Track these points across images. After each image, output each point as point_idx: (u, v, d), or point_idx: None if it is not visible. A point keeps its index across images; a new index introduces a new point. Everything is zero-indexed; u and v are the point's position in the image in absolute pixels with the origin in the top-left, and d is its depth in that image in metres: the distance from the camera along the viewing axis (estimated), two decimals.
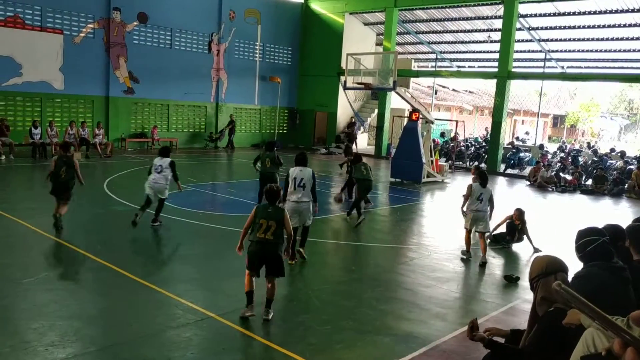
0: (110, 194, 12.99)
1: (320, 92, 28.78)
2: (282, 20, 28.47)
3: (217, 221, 11.03)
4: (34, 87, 20.31)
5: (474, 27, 26.79)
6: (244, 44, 27.06)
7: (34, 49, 20.11)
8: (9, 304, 6.20)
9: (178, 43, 24.47)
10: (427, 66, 33.55)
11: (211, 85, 25.98)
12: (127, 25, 22.59)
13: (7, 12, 19.44)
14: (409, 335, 6.00)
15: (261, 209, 6.35)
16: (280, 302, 6.77)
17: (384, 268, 8.59)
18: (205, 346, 5.49)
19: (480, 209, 9.01)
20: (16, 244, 8.82)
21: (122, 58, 22.63)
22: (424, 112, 18.67)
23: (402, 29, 28.42)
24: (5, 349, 5.05)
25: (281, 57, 29.02)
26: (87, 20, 21.50)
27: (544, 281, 3.22)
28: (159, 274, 7.59)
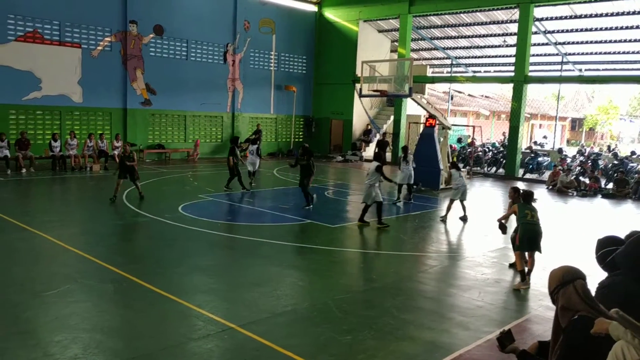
0: (129, 205, 13.08)
1: (336, 100, 28.81)
2: (296, 29, 28.60)
3: (236, 231, 11.05)
4: (53, 100, 20.61)
5: (489, 31, 26.66)
6: (259, 53, 27.22)
7: (53, 63, 20.43)
8: (32, 316, 6.25)
9: (194, 54, 24.69)
10: (443, 72, 33.43)
11: (227, 96, 26.15)
12: (143, 38, 22.85)
13: (26, 27, 19.78)
14: (432, 344, 5.92)
15: (523, 206, 8.36)
16: (300, 312, 6.74)
17: (404, 276, 8.52)
18: (226, 358, 5.47)
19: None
20: (38, 256, 8.90)
21: (139, 70, 22.88)
22: (441, 118, 18.57)
23: (417, 35, 28.38)
24: None
25: (296, 65, 29.12)
26: (104, 34, 21.80)
27: (563, 291, 3.18)
28: (179, 284, 7.60)
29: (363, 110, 24.57)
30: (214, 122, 26.06)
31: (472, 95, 41.98)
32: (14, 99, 19.65)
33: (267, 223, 12.24)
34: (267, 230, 11.53)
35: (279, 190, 17.10)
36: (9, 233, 10.05)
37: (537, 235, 8.17)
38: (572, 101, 49.12)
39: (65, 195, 15.62)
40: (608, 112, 51.19)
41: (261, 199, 15.50)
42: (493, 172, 24.08)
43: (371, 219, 11.98)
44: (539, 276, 8.55)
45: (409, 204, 15.11)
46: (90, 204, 13.72)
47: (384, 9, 26.45)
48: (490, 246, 10.61)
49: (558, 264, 3.49)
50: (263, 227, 11.76)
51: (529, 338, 5.78)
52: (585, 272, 3.31)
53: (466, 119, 41.57)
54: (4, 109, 19.53)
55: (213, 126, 26.05)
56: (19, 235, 9.84)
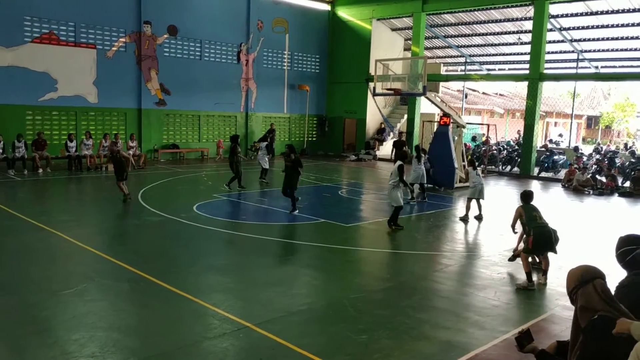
0: (144, 204, 13.17)
1: (349, 99, 28.78)
2: (309, 29, 28.61)
3: (250, 230, 11.07)
4: (69, 101, 20.81)
5: (503, 29, 26.45)
6: (272, 53, 27.27)
7: (69, 64, 20.63)
8: (50, 315, 6.31)
9: (207, 54, 24.79)
10: (457, 70, 33.23)
11: (241, 95, 26.23)
12: (157, 38, 23.00)
13: (42, 29, 20.00)
14: (448, 344, 5.89)
15: (527, 207, 8.50)
16: (315, 311, 6.74)
17: (419, 276, 8.48)
18: (242, 356, 5.48)
19: None
20: (55, 255, 8.99)
21: (154, 70, 23.02)
22: (455, 116, 18.47)
23: (430, 34, 28.24)
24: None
25: (309, 65, 29.13)
26: (119, 35, 21.97)
27: (582, 290, 3.14)
28: (195, 283, 7.63)
29: (376, 109, 24.53)
30: (228, 121, 26.15)
31: (487, 93, 41.71)
32: (30, 99, 19.87)
33: (281, 222, 12.25)
34: (282, 229, 11.55)
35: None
36: (27, 233, 10.17)
37: (550, 237, 8.12)
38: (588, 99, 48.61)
39: (81, 195, 15.77)
40: (625, 110, 50.55)
41: (275, 198, 15.51)
42: (508, 170, 23.91)
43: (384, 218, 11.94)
44: (555, 275, 8.47)
45: (424, 203, 15.05)
46: (106, 203, 13.83)
47: (397, 8, 26.36)
48: (506, 245, 10.52)
49: (576, 263, 3.45)
50: (277, 227, 11.78)
51: (546, 338, 5.73)
52: (604, 271, 3.27)
53: (480, 117, 41.31)
54: (21, 109, 19.76)
55: (227, 126, 26.14)
56: (37, 235, 9.95)
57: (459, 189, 17.73)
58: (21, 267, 8.08)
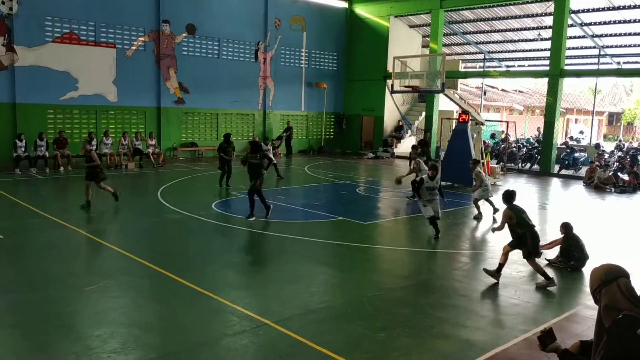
0: (164, 202, 13.29)
1: (367, 97, 28.71)
2: (327, 26, 28.59)
3: (269, 228, 11.11)
4: (89, 100, 21.05)
5: (523, 25, 26.17)
6: (289, 51, 27.30)
7: (89, 63, 20.86)
8: (73, 311, 6.41)
9: (225, 53, 24.90)
10: (475, 67, 32.98)
11: (258, 93, 26.30)
12: (176, 37, 23.15)
13: (63, 29, 20.25)
14: (467, 342, 5.86)
15: (516, 208, 8.13)
16: (334, 309, 6.75)
17: (438, 274, 8.45)
18: (261, 353, 5.52)
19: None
20: (77, 252, 9.12)
21: (172, 69, 23.19)
22: (474, 113, 18.32)
23: (449, 30, 28.05)
24: (70, 355, 5.22)
25: (327, 62, 29.11)
26: (138, 34, 22.16)
27: (605, 289, 3.08)
28: (214, 281, 7.69)
29: (394, 106, 24.40)
30: (246, 119, 26.25)
31: (506, 90, 41.28)
32: (52, 98, 20.14)
33: (299, 220, 12.28)
34: (300, 227, 11.57)
35: (311, 187, 17.13)
36: (49, 230, 10.32)
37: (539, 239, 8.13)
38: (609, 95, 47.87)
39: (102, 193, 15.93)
40: None
41: (293, 196, 15.56)
42: (527, 168, 23.66)
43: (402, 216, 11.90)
44: (577, 274, 8.39)
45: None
46: (126, 201, 13.97)
47: (415, 4, 26.21)
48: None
49: (599, 262, 3.41)
50: (295, 224, 11.80)
51: (568, 337, 5.66)
52: (629, 270, 3.23)
53: (499, 114, 40.90)
54: (43, 108, 20.04)
55: (245, 124, 26.24)
56: (59, 232, 10.10)
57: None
58: (44, 264, 8.21)
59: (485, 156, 19.31)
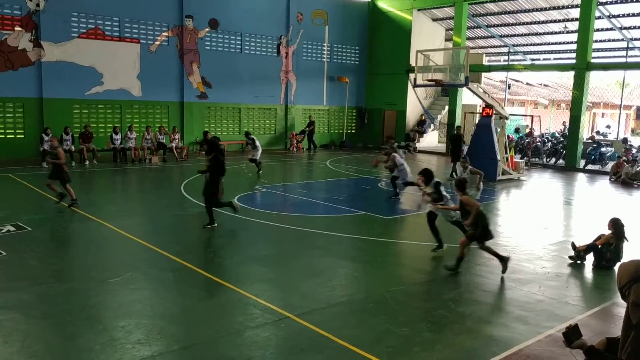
0: (187, 196, 13.41)
1: (389, 91, 28.56)
2: (349, 20, 28.48)
3: (290, 222, 11.14)
4: (113, 94, 21.33)
5: (548, 17, 25.73)
6: (311, 45, 27.27)
7: (114, 58, 21.12)
8: (98, 302, 6.51)
9: (248, 47, 24.98)
10: (500, 60, 32.54)
11: (280, 88, 26.35)
12: (199, 32, 23.30)
13: (88, 24, 20.52)
14: (490, 338, 5.81)
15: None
16: (356, 303, 6.75)
17: (461, 269, 8.37)
18: (284, 346, 5.54)
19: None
20: (102, 245, 9.26)
21: (195, 64, 23.35)
22: (498, 107, 18.12)
23: (472, 23, 27.72)
24: (96, 345, 5.31)
25: (349, 56, 29.02)
26: (161, 29, 22.35)
27: (635, 286, 3.03)
28: (236, 274, 7.74)
29: (417, 100, 24.22)
30: (268, 114, 26.33)
31: (530, 84, 40.70)
32: (77, 93, 20.45)
33: (321, 214, 12.29)
34: (321, 221, 11.57)
35: (332, 182, 17.12)
36: (76, 223, 10.50)
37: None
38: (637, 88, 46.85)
39: (127, 187, 16.17)
40: None
41: (315, 190, 15.57)
42: (552, 163, 23.32)
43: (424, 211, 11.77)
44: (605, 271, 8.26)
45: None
46: (150, 194, 14.16)
47: None
48: (551, 239, 10.30)
49: (628, 258, 3.34)
50: (317, 218, 11.81)
51: (594, 335, 5.58)
52: None
53: (524, 108, 40.38)
54: (69, 103, 20.36)
55: (267, 118, 26.33)
56: (85, 225, 10.26)
57: (502, 182, 17.41)
58: (71, 256, 8.36)
59: (510, 151, 19.08)
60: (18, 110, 19.49)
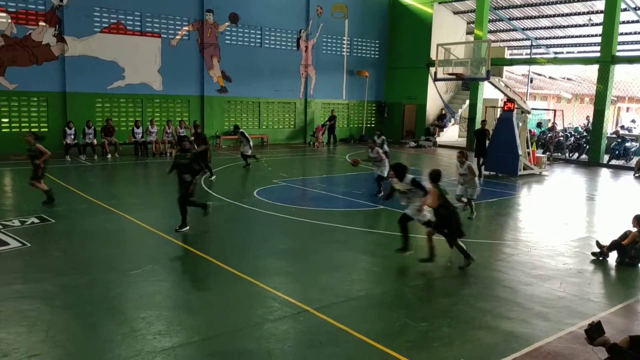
0: (207, 189, 13.50)
1: (409, 85, 28.36)
2: (369, 14, 28.32)
3: (309, 216, 11.15)
4: (135, 89, 21.52)
5: (572, 10, 25.30)
6: (331, 39, 27.19)
7: (135, 53, 21.30)
8: (119, 294, 6.61)
9: (268, 41, 25.00)
10: (522, 53, 32.09)
11: (300, 82, 26.34)
12: (219, 26, 23.38)
13: (110, 19, 20.71)
14: (510, 334, 5.76)
15: (440, 188, 7.80)
16: (374, 297, 6.74)
17: (481, 264, 8.31)
18: (302, 339, 5.56)
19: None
20: (124, 237, 9.38)
21: (215, 58, 23.44)
22: (520, 101, 17.89)
23: (494, 16, 27.37)
24: (117, 336, 5.39)
25: (369, 50, 28.88)
26: (182, 24, 22.48)
27: None
28: (255, 266, 7.78)
29: (437, 94, 24.08)
30: (287, 108, 26.35)
31: (553, 77, 40.06)
32: (99, 87, 20.68)
33: (340, 208, 12.28)
34: (340, 215, 11.56)
35: (351, 176, 17.09)
36: (98, 215, 10.64)
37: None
38: None
39: (148, 180, 16.34)
40: None
41: (334, 184, 15.56)
42: (575, 158, 22.98)
43: None
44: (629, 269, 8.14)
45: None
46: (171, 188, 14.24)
47: None
48: (572, 235, 10.16)
49: None
50: (336, 213, 11.80)
51: (616, 332, 5.50)
52: None
53: (546, 102, 39.81)
54: (91, 97, 20.60)
55: (286, 112, 26.35)
56: (107, 217, 10.40)
57: (523, 177, 17.21)
58: (93, 248, 8.48)
59: (531, 145, 18.84)
60: (42, 104, 19.79)
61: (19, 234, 8.90)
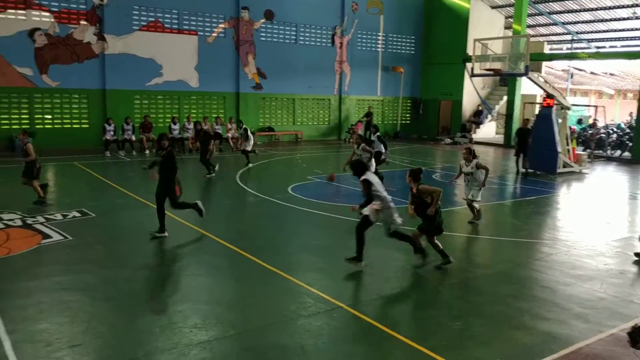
0: (242, 185, 13.63)
1: (445, 80, 28.04)
2: (405, 9, 28.10)
3: (343, 212, 11.12)
4: (172, 85, 21.88)
5: (616, 3, 24.55)
6: (366, 35, 27.08)
7: (172, 50, 21.64)
8: (157, 287, 6.75)
9: (302, 38, 25.06)
10: (562, 48, 31.37)
11: (334, 78, 26.32)
12: (254, 23, 23.54)
13: (149, 17, 21.09)
14: (549, 335, 5.65)
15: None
16: (409, 295, 6.70)
17: (518, 263, 8.17)
18: (336, 336, 5.56)
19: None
20: None
21: (251, 55, 23.62)
22: (559, 97, 17.48)
23: (534, 10, 26.78)
24: (156, 328, 5.50)
25: (404, 46, 28.66)
26: (218, 21, 22.72)
27: None
28: (289, 262, 7.82)
29: (474, 90, 23.73)
30: (321, 104, 26.38)
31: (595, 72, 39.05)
32: (138, 84, 21.09)
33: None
34: None
35: (386, 173, 16.97)
36: (136, 209, 10.86)
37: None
38: None
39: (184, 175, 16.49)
40: None
41: None
42: (617, 155, 22.34)
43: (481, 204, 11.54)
44: None
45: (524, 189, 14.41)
46: (207, 183, 14.45)
47: None
48: (614, 235, 9.89)
49: None
50: None
51: None
52: None
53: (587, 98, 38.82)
54: (130, 94, 21.03)
55: (320, 109, 26.38)
56: (144, 212, 10.60)
57: (562, 175, 16.83)
58: (131, 242, 8.66)
59: (571, 142, 18.39)
60: (83, 101, 20.30)
61: (61, 227, 9.16)
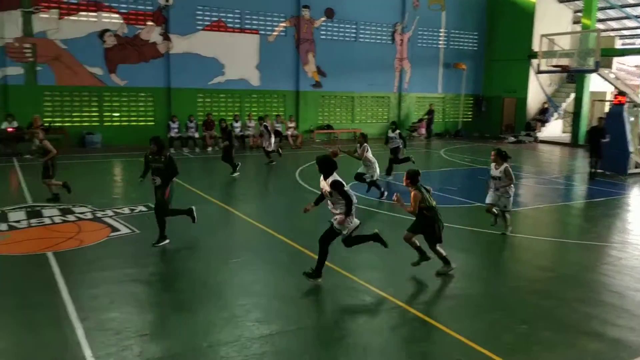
0: (301, 182, 13.76)
1: (509, 77, 27.28)
2: (468, 5, 27.53)
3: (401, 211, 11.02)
4: (234, 84, 22.31)
5: None
6: (427, 31, 26.72)
7: (234, 49, 22.07)
8: (219, 281, 6.91)
9: (363, 35, 25.00)
10: (635, 43, 29.87)
11: (394, 76, 26.12)
12: (315, 22, 23.67)
13: (212, 17, 21.59)
14: (618, 342, 5.42)
15: (421, 189, 7.42)
16: (471, 297, 6.58)
17: (585, 267, 7.87)
18: (396, 335, 5.54)
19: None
20: (223, 227, 9.78)
21: (311, 53, 23.77)
22: (632, 94, 16.71)
23: (604, 4, 25.63)
24: (220, 320, 5.66)
25: (466, 42, 28.09)
26: (279, 20, 22.99)
27: None
28: (348, 260, 7.82)
29: (539, 87, 23.00)
30: (381, 102, 26.24)
31: None
32: (201, 83, 21.64)
33: None
34: None
35: (446, 172, 16.75)
36: (199, 205, 11.05)
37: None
38: None
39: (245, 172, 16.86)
40: None
41: (428, 180, 15.25)
42: None
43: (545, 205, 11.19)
44: None
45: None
46: (266, 180, 14.70)
47: None
48: None
49: None
50: None
51: None
52: None
53: None
54: (193, 92, 21.61)
55: (379, 107, 26.25)
56: (206, 207, 10.85)
57: (634, 175, 16.07)
58: (195, 236, 8.90)
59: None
60: (149, 100, 21.01)
61: (128, 221, 9.54)
